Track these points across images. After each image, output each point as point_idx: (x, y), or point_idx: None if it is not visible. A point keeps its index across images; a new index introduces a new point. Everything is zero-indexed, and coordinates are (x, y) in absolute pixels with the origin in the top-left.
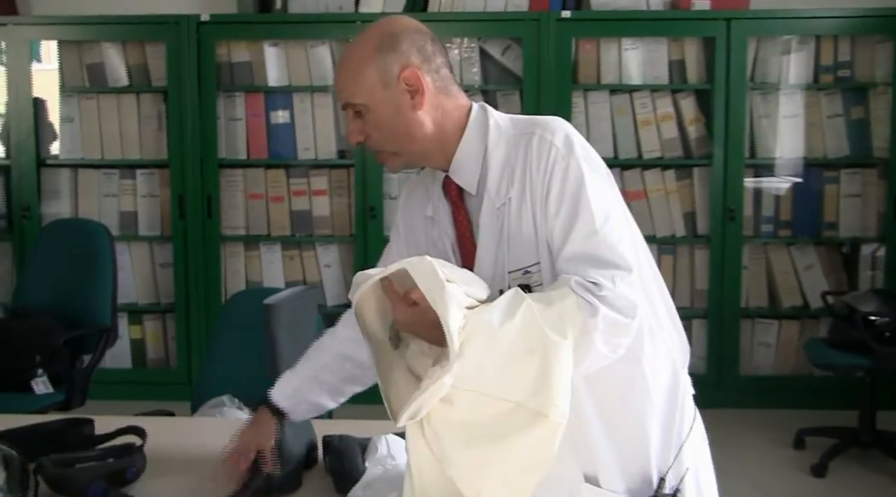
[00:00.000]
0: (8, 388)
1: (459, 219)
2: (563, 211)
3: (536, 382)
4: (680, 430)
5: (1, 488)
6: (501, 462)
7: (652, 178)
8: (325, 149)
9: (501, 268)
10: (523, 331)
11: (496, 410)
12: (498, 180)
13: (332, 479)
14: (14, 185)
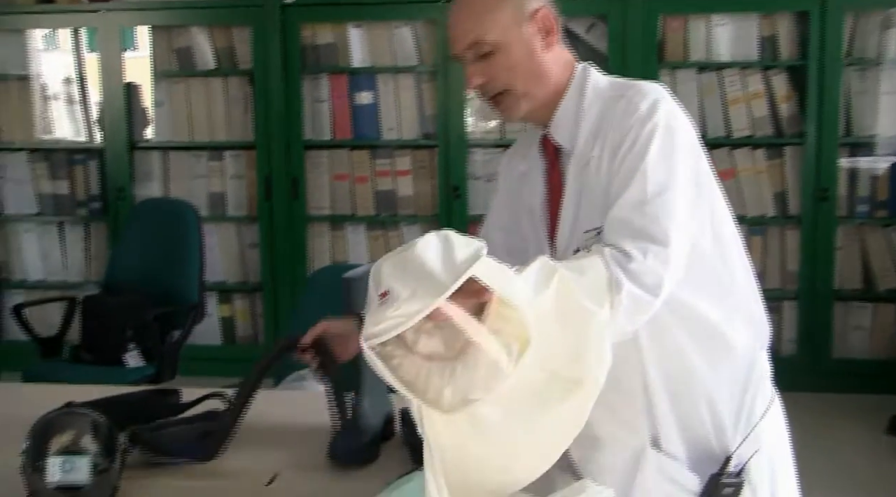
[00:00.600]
0: (102, 362)
1: (553, 178)
2: (621, 173)
3: (573, 351)
4: (752, 411)
5: (88, 452)
6: (537, 431)
7: (741, 157)
8: (409, 129)
9: (579, 228)
10: (558, 300)
11: (534, 381)
12: (586, 140)
13: (408, 450)
14: (108, 168)
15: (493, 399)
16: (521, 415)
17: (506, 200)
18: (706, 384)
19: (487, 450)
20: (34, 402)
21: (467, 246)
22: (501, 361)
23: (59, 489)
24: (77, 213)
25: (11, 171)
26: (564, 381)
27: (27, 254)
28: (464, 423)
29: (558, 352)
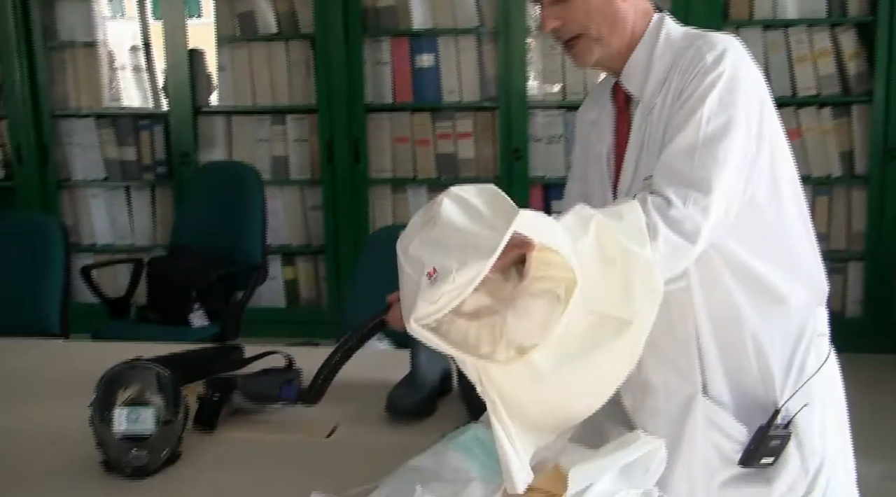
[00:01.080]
0: (168, 322)
1: (622, 125)
2: (676, 119)
3: (620, 292)
4: (803, 366)
5: (153, 403)
6: (590, 373)
7: (807, 116)
8: (469, 92)
9: (640, 174)
10: (599, 244)
11: (584, 324)
12: (653, 88)
13: (465, 404)
14: (173, 134)
15: (546, 345)
16: (574, 358)
17: (580, 149)
18: (755, 333)
19: (546, 394)
20: (102, 359)
21: (491, 199)
22: (551, 306)
23: (124, 439)
24: (143, 177)
25: (79, 137)
26: (614, 322)
27: (95, 218)
28: (521, 372)
29: (604, 294)
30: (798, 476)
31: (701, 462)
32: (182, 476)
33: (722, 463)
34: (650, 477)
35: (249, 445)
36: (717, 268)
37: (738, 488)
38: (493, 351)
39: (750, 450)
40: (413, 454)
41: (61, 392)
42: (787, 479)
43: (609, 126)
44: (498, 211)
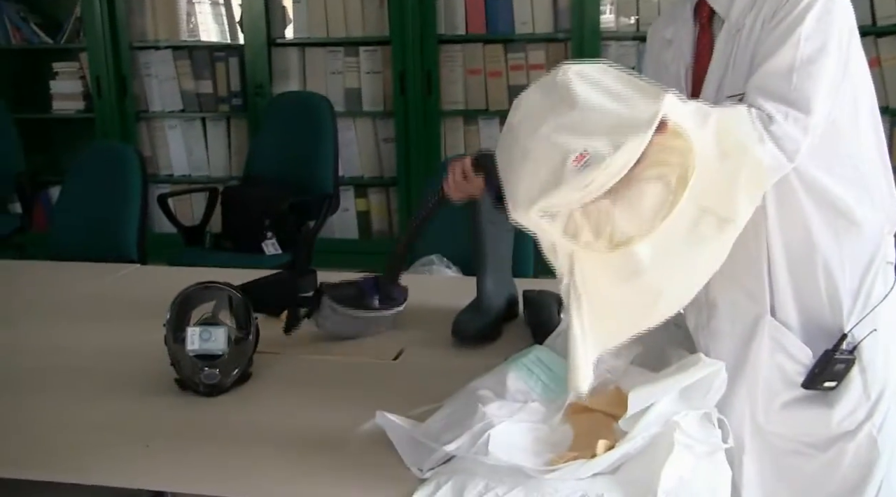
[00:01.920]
0: (242, 250)
1: (703, 43)
2: (772, 38)
3: (729, 188)
4: (870, 292)
5: (224, 323)
6: (686, 267)
7: (887, 45)
8: (542, 23)
9: (723, 93)
10: (717, 135)
11: (689, 216)
12: (742, 8)
13: (530, 330)
14: (248, 66)
15: (651, 237)
16: (675, 252)
17: (653, 67)
18: (826, 257)
19: (637, 287)
20: (177, 283)
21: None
22: (661, 194)
23: (197, 357)
24: (219, 109)
25: (157, 68)
26: (717, 219)
27: (172, 149)
28: (619, 263)
29: (714, 188)
30: (860, 401)
31: (764, 383)
32: (253, 395)
33: (784, 384)
34: (710, 399)
35: (318, 367)
36: (793, 188)
37: (800, 410)
38: (596, 240)
39: (814, 373)
40: (477, 377)
41: (138, 313)
42: (849, 404)
43: (689, 44)
44: (635, 88)
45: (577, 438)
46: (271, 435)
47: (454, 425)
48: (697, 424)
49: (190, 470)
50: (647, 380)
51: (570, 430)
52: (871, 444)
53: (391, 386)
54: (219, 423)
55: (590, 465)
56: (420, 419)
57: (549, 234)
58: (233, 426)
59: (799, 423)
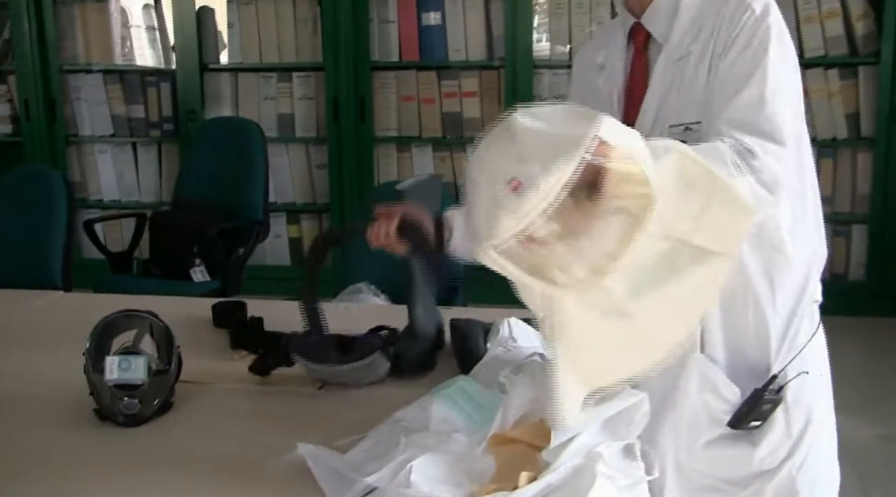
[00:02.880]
0: (170, 276)
1: (637, 67)
2: (736, 71)
3: (699, 218)
4: (798, 331)
5: (145, 353)
6: (667, 303)
7: (814, 77)
8: (475, 50)
9: (663, 121)
10: (680, 166)
11: (660, 250)
12: (683, 33)
13: (456, 359)
14: (180, 91)
15: (620, 268)
16: (650, 285)
17: (580, 93)
18: (757, 293)
19: (619, 325)
20: (102, 310)
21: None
22: (627, 226)
23: (117, 387)
24: (150, 134)
25: (87, 92)
26: (692, 249)
27: (102, 174)
28: (594, 300)
29: (682, 221)
30: (781, 439)
31: (689, 420)
32: (174, 425)
33: (710, 423)
34: (633, 430)
35: (242, 396)
36: None
37: (722, 448)
38: (569, 279)
39: (742, 412)
40: (402, 407)
41: (60, 342)
42: (771, 443)
43: (621, 68)
44: (576, 115)
45: (499, 470)
46: (191, 466)
47: (376, 457)
48: (620, 456)
49: None
50: None
51: (493, 462)
52: (790, 484)
53: (315, 416)
54: (138, 454)
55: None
56: (343, 450)
57: (513, 273)
58: (152, 457)
59: (721, 461)
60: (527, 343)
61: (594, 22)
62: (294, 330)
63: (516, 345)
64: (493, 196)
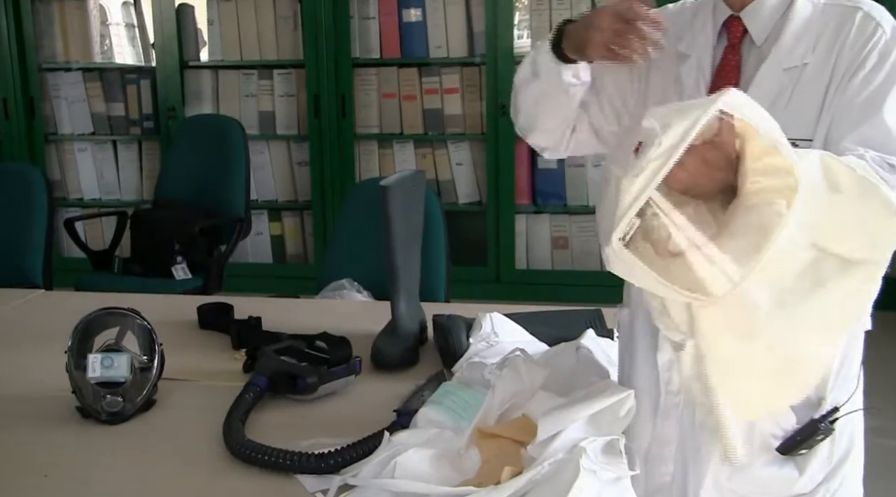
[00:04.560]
0: (151, 274)
1: (729, 64)
2: (868, 92)
3: (845, 225)
4: (852, 363)
5: (128, 350)
6: (815, 316)
7: None
8: (456, 47)
9: None
10: (823, 168)
11: (802, 259)
12: (794, 41)
13: (439, 354)
14: (160, 88)
15: (762, 279)
16: (795, 297)
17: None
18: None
19: (763, 344)
20: (83, 308)
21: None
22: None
23: (99, 384)
24: (130, 132)
25: (66, 90)
26: (838, 259)
27: (82, 172)
28: (737, 315)
29: (828, 225)
30: (823, 465)
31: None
32: (157, 422)
33: (760, 448)
34: (618, 425)
35: (226, 393)
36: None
37: (768, 472)
38: (708, 287)
39: (796, 440)
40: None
41: (41, 340)
42: (814, 469)
43: (708, 60)
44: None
45: (484, 465)
46: (175, 462)
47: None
48: (604, 451)
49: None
50: (555, 405)
51: (478, 456)
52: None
53: (300, 414)
54: (121, 451)
55: (496, 492)
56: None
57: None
58: (135, 454)
59: (762, 484)
60: (509, 337)
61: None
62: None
63: (498, 339)
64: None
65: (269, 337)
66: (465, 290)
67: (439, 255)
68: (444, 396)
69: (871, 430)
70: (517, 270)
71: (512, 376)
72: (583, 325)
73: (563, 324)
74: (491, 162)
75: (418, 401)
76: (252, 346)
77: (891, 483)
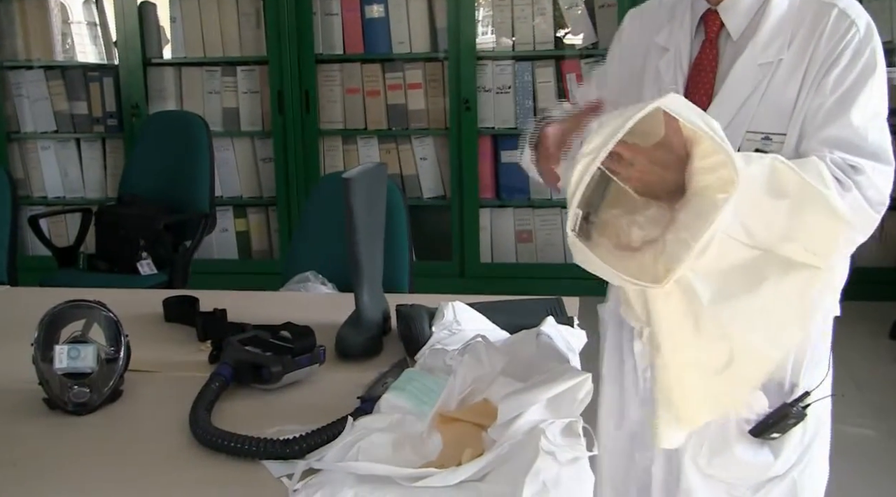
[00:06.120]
0: (117, 271)
1: (707, 59)
2: (840, 91)
3: (787, 229)
4: (822, 348)
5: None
6: (760, 314)
7: None
8: (419, 42)
9: (739, 126)
10: (772, 175)
11: (746, 257)
12: (770, 36)
13: (402, 344)
14: (123, 86)
15: (704, 271)
16: (736, 292)
17: (627, 71)
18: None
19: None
20: (48, 303)
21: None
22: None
23: (66, 376)
24: (94, 130)
25: (28, 88)
26: (781, 259)
27: (46, 171)
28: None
29: (770, 229)
30: (796, 448)
31: (717, 429)
32: (123, 413)
33: (736, 432)
34: (576, 408)
35: (190, 384)
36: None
37: (744, 456)
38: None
39: (767, 423)
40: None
41: (7, 335)
42: (788, 452)
43: (685, 55)
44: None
45: (445, 448)
46: (141, 452)
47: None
48: (563, 432)
49: (58, 489)
50: (515, 390)
51: (440, 440)
52: (793, 486)
53: (265, 403)
54: (88, 441)
55: (457, 473)
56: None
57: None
58: (103, 444)
59: (740, 469)
60: (470, 325)
61: (537, 14)
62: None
63: (461, 328)
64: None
65: (234, 328)
66: (430, 284)
67: (402, 247)
68: (407, 382)
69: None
70: (482, 264)
71: (473, 362)
72: (543, 313)
73: (523, 312)
74: (454, 156)
75: (381, 388)
76: (217, 337)
77: (855, 466)
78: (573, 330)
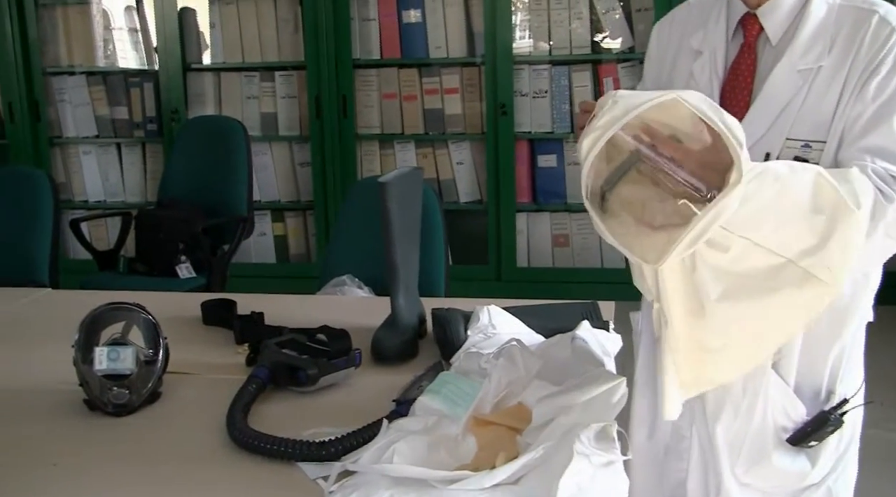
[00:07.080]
0: (156, 274)
1: (745, 63)
2: (882, 99)
3: (815, 244)
4: (852, 350)
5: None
6: (758, 318)
7: None
8: (456, 47)
9: (778, 132)
10: (815, 188)
11: (765, 264)
12: (809, 42)
13: (438, 347)
14: (163, 91)
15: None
16: (745, 294)
17: (662, 74)
18: (845, 316)
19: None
20: (89, 306)
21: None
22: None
23: (106, 377)
24: (134, 134)
25: (70, 94)
26: (800, 271)
27: (87, 175)
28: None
29: (799, 241)
30: (832, 455)
31: (753, 437)
32: (162, 415)
33: (773, 440)
34: (611, 412)
35: (228, 386)
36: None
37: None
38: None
39: (806, 431)
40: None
41: (48, 336)
42: (826, 460)
43: (721, 59)
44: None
45: (480, 451)
46: (179, 454)
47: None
48: (597, 436)
49: (98, 489)
50: (549, 393)
51: (474, 443)
52: (828, 493)
53: (301, 406)
54: (128, 442)
55: (492, 476)
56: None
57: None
58: (141, 445)
59: (777, 478)
60: (506, 329)
61: (574, 19)
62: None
63: (496, 331)
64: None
65: (272, 331)
66: (466, 288)
67: (438, 251)
68: (442, 386)
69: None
70: (518, 268)
71: (508, 365)
72: (579, 318)
73: (559, 316)
74: (491, 161)
75: (417, 390)
76: (255, 340)
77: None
78: (608, 334)
